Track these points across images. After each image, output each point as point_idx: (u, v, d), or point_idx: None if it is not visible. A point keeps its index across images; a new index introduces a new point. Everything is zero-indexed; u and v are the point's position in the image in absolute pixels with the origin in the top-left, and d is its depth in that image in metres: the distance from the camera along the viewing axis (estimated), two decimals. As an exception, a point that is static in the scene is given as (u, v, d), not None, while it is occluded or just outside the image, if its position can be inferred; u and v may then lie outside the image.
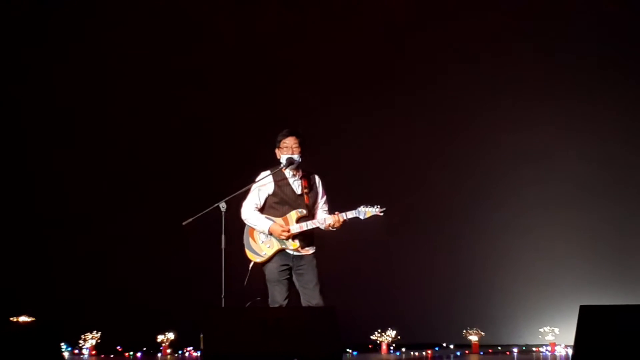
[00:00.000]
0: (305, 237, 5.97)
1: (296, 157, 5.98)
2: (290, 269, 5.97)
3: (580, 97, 9.30)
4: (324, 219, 5.93)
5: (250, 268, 6.01)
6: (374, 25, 9.75)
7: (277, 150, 6.08)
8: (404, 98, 9.64)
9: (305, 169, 6.11)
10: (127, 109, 9.80)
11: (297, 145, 6.01)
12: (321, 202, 6.11)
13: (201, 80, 9.82)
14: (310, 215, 6.00)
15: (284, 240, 5.92)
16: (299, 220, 5.94)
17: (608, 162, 9.20)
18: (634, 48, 9.28)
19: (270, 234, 5.94)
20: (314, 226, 5.92)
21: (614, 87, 9.29)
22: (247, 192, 6.06)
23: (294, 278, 5.98)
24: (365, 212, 5.80)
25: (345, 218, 5.86)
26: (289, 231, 5.90)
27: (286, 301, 5.93)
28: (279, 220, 5.96)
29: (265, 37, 9.77)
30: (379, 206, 5.81)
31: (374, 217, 5.84)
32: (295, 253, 5.95)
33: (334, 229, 5.90)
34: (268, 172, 6.05)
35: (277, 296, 5.92)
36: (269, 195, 6.04)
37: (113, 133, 9.78)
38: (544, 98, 9.40)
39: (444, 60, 9.64)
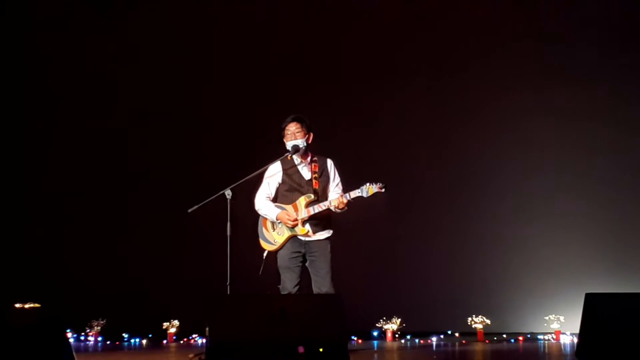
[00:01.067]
0: (317, 222, 5.96)
1: (299, 142, 5.98)
2: (302, 255, 5.97)
3: (581, 86, 9.26)
4: (329, 201, 5.94)
5: (264, 257, 6.02)
6: (380, 17, 9.75)
7: (284, 139, 6.09)
8: (411, 88, 9.65)
9: (315, 154, 6.11)
10: (133, 100, 9.82)
11: (299, 130, 6.01)
12: (333, 185, 6.10)
13: (208, 69, 9.83)
14: (322, 200, 5.99)
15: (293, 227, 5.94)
16: (308, 205, 5.94)
17: (612, 151, 9.17)
18: (633, 37, 9.24)
19: (280, 221, 5.96)
20: (321, 209, 5.91)
21: (616, 76, 9.25)
22: (254, 179, 6.07)
23: (307, 264, 5.99)
24: (368, 190, 5.80)
25: (349, 198, 5.86)
26: (295, 219, 5.91)
27: (296, 288, 5.93)
28: (289, 207, 5.97)
29: (268, 29, 9.76)
30: (380, 183, 5.81)
31: (379, 201, 5.84)
32: (306, 239, 5.96)
33: (340, 210, 5.91)
34: (277, 161, 6.06)
35: (287, 283, 5.93)
36: (279, 184, 6.07)
37: (119, 123, 9.81)
38: (545, 89, 9.38)
39: (448, 51, 9.63)
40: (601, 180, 9.17)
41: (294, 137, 6.00)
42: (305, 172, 6.05)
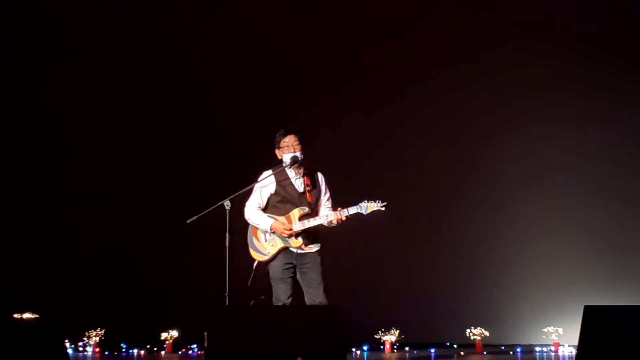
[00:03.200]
0: (309, 235, 5.97)
1: (299, 155, 5.99)
2: (294, 267, 5.96)
3: (578, 95, 9.28)
4: (325, 215, 5.93)
5: (254, 267, 6.01)
6: (376, 24, 9.76)
7: (277, 151, 6.09)
8: (407, 97, 9.65)
9: (307, 167, 6.11)
10: (133, 109, 9.83)
11: (297, 143, 6.03)
12: (324, 199, 6.11)
13: (205, 82, 9.84)
14: (314, 213, 6.01)
15: (287, 238, 5.93)
16: (302, 218, 5.94)
17: (612, 160, 9.17)
18: (634, 47, 9.25)
19: (273, 232, 5.95)
20: (317, 223, 5.91)
21: (614, 84, 9.26)
22: (251, 191, 6.06)
23: (298, 276, 5.97)
24: (367, 207, 5.79)
25: (347, 214, 5.86)
26: (290, 229, 5.90)
27: (290, 299, 5.93)
28: (282, 218, 5.96)
29: (265, 40, 9.77)
30: (380, 201, 5.81)
31: (375, 213, 5.83)
32: (299, 251, 5.95)
33: (336, 225, 5.90)
34: (270, 171, 6.06)
35: (281, 294, 5.92)
36: (271, 195, 6.05)
37: (119, 133, 9.81)
38: (543, 98, 9.39)
39: (446, 60, 9.64)
40: (601, 190, 9.16)
41: (294, 149, 6.01)
42: (299, 185, 6.05)
